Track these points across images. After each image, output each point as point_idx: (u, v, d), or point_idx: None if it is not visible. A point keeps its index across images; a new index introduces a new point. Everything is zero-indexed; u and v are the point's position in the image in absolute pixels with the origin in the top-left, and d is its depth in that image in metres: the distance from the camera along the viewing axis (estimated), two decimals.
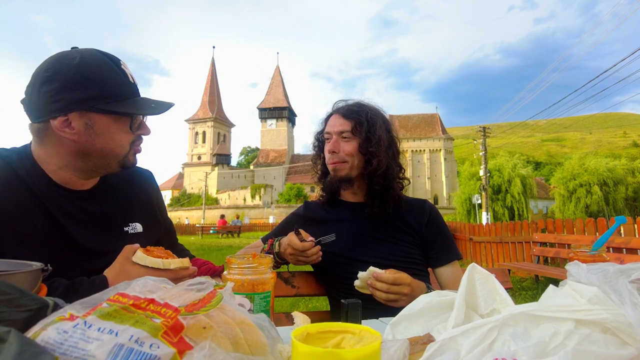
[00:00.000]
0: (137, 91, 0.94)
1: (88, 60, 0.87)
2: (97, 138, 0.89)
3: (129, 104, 0.90)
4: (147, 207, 1.12)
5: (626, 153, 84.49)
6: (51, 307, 0.44)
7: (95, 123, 0.88)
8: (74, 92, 0.84)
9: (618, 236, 4.37)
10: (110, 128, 0.90)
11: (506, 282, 1.50)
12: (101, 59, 0.89)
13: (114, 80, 0.89)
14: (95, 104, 0.86)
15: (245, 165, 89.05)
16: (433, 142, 64.14)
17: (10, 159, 0.90)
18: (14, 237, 0.84)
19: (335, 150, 1.30)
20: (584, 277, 0.49)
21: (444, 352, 0.46)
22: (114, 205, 1.02)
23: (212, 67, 77.76)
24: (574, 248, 0.91)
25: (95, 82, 0.86)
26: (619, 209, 23.56)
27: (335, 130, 1.32)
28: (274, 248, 1.26)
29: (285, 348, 0.45)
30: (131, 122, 0.93)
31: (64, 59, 0.86)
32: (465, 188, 24.99)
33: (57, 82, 0.84)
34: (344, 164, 1.30)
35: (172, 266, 0.80)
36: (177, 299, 0.42)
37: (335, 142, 1.31)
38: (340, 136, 1.31)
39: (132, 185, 1.09)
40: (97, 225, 0.97)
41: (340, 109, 1.37)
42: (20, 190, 0.88)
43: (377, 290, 1.03)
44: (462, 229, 8.53)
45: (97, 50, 0.92)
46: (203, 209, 45.85)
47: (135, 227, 1.04)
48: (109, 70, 0.89)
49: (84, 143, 0.89)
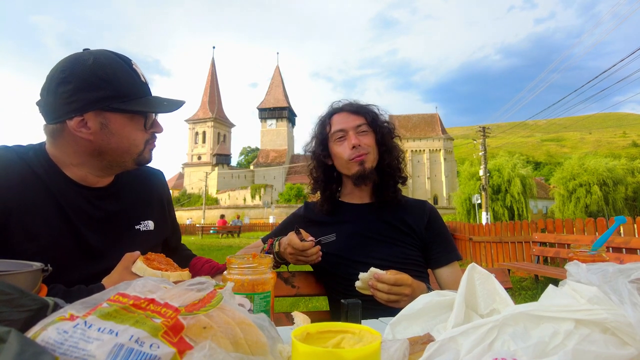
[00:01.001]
0: (148, 90, 0.96)
1: (101, 61, 0.88)
2: (112, 137, 0.90)
3: (142, 102, 0.92)
4: (159, 205, 1.13)
5: (626, 153, 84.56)
6: (51, 307, 0.44)
7: (110, 122, 0.89)
8: (89, 93, 0.86)
9: (618, 236, 4.37)
10: (125, 127, 0.91)
11: (506, 282, 1.50)
12: (114, 59, 0.91)
13: (127, 80, 0.90)
14: (110, 103, 0.88)
15: (245, 165, 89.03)
16: (433, 142, 64.13)
17: (27, 156, 0.91)
18: (25, 234, 0.84)
19: (359, 143, 1.29)
20: (584, 277, 0.49)
21: (443, 352, 0.46)
22: (127, 202, 1.03)
23: (212, 67, 77.76)
24: (574, 248, 0.91)
25: (109, 82, 0.87)
26: (619, 208, 23.56)
27: (351, 125, 1.31)
28: (273, 248, 1.26)
29: (285, 348, 0.45)
30: (145, 121, 0.94)
31: (78, 60, 0.88)
32: (465, 188, 24.98)
33: (73, 83, 0.86)
34: (367, 155, 1.31)
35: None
36: (177, 299, 0.42)
37: (355, 137, 1.29)
38: (356, 131, 1.31)
39: (145, 183, 1.11)
40: (110, 222, 0.98)
41: (346, 107, 1.37)
42: (35, 187, 0.88)
43: (378, 291, 1.02)
44: (462, 229, 8.53)
45: (108, 51, 0.93)
46: (203, 209, 45.84)
47: (147, 225, 1.05)
48: (122, 70, 0.90)
49: (99, 142, 0.90)
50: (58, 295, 0.76)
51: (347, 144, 1.30)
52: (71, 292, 0.79)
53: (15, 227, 0.83)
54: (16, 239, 0.83)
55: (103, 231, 0.96)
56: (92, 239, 0.93)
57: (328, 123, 1.36)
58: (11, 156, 0.89)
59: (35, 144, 0.96)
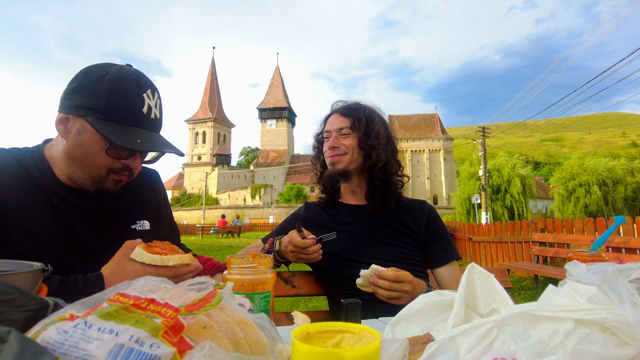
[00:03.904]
0: (144, 122, 0.91)
1: (112, 76, 0.88)
2: (80, 147, 0.89)
3: (118, 129, 0.86)
4: (154, 205, 1.13)
5: (625, 153, 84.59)
6: (51, 307, 0.44)
7: (84, 132, 0.88)
8: (79, 97, 0.87)
9: (617, 236, 4.38)
10: (94, 144, 0.88)
11: (505, 281, 1.50)
12: (125, 80, 0.89)
13: (123, 102, 0.87)
14: (89, 114, 0.86)
15: (245, 165, 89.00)
16: (432, 142, 64.12)
17: (23, 158, 0.92)
18: (23, 235, 0.85)
19: (335, 145, 1.33)
20: (583, 276, 0.49)
21: (443, 352, 0.46)
22: (122, 203, 1.03)
23: (212, 68, 77.72)
24: (573, 248, 0.91)
25: (100, 96, 0.86)
26: (618, 208, 23.58)
27: (334, 127, 1.35)
28: (274, 247, 1.26)
29: (285, 348, 0.45)
30: (108, 147, 0.88)
31: (98, 67, 0.90)
32: (464, 188, 24.99)
33: (76, 83, 0.89)
34: (343, 156, 1.33)
35: (170, 263, 0.79)
36: (178, 298, 0.42)
37: (334, 139, 1.34)
38: (339, 133, 1.34)
39: (140, 183, 1.10)
40: (105, 222, 0.98)
41: (339, 109, 1.40)
42: (32, 190, 0.89)
43: (379, 287, 1.03)
44: (462, 229, 8.53)
45: (133, 71, 0.92)
46: (203, 209, 45.81)
47: (143, 225, 1.05)
48: (123, 92, 0.88)
49: (70, 145, 0.90)
50: (54, 285, 0.76)
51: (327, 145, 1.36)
52: (67, 282, 0.78)
53: (13, 228, 0.84)
54: (14, 239, 0.84)
55: (98, 231, 0.96)
56: (88, 239, 0.93)
57: (323, 123, 1.42)
58: (7, 158, 0.90)
59: (32, 147, 0.97)
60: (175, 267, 0.80)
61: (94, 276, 0.80)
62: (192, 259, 0.83)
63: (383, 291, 1.02)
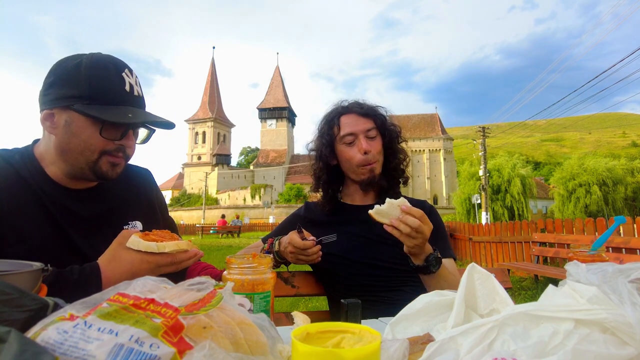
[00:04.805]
0: (130, 100, 0.91)
1: (86, 62, 0.88)
2: (72, 137, 0.89)
3: (106, 109, 0.87)
4: (146, 205, 1.12)
5: (625, 153, 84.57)
6: (51, 307, 0.44)
7: (74, 122, 0.88)
8: (60, 89, 0.87)
9: (617, 236, 4.38)
10: (85, 130, 0.89)
11: (505, 281, 1.50)
12: (102, 63, 0.89)
13: (104, 84, 0.88)
14: (75, 102, 0.86)
15: (245, 165, 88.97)
16: (433, 142, 64.14)
17: (13, 159, 0.91)
18: (16, 237, 0.84)
19: (371, 149, 1.27)
20: (583, 276, 0.49)
21: (443, 352, 0.46)
22: (113, 203, 1.02)
23: (212, 68, 77.73)
24: (573, 248, 0.91)
25: (81, 83, 0.86)
26: (618, 208, 23.57)
27: (361, 129, 1.29)
28: (273, 247, 1.26)
29: (285, 348, 0.45)
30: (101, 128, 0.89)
31: (70, 58, 0.90)
32: (464, 188, 24.98)
33: (53, 77, 0.88)
34: (377, 164, 1.29)
35: (167, 249, 0.77)
36: (177, 298, 0.42)
37: (366, 142, 1.27)
38: (366, 135, 1.29)
39: (131, 183, 1.09)
40: (96, 223, 0.97)
41: (355, 108, 1.33)
42: (22, 192, 0.88)
43: (405, 224, 0.95)
44: (462, 229, 8.53)
45: (106, 55, 0.92)
46: (203, 209, 45.82)
47: (135, 225, 1.04)
48: (103, 75, 0.88)
49: (60, 139, 0.90)
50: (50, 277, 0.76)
51: (357, 149, 1.28)
52: (63, 272, 0.78)
53: (6, 230, 0.83)
54: (7, 242, 0.83)
55: (90, 232, 0.95)
56: (79, 240, 0.92)
57: (336, 124, 1.33)
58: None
59: (22, 147, 0.97)
60: (172, 254, 0.78)
61: (89, 265, 0.79)
62: (189, 245, 0.81)
63: (407, 228, 0.95)
